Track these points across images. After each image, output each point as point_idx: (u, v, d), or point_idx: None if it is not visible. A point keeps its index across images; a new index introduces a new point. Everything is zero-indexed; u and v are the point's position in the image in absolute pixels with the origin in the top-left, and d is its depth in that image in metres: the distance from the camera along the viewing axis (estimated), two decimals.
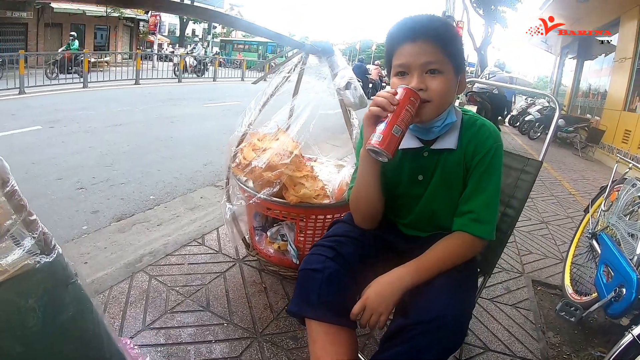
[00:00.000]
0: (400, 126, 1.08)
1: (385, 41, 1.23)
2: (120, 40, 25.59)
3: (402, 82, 1.14)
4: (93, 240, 2.73)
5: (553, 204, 4.77)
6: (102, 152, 4.96)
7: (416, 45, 1.12)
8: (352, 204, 1.30)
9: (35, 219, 1.04)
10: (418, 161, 1.25)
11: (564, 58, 17.32)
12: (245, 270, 2.29)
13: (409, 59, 1.13)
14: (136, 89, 12.18)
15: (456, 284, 1.13)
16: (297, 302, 1.16)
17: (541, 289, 2.63)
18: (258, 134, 1.98)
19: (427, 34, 1.13)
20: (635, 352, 1.26)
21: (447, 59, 1.14)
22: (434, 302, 1.07)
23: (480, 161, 1.19)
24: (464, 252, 1.18)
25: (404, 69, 1.15)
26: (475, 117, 1.26)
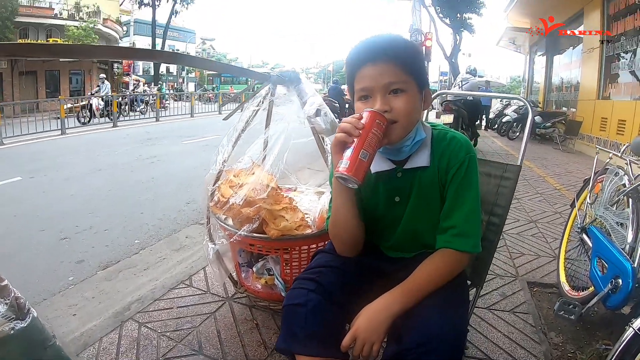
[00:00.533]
0: (367, 150, 1.05)
1: (345, 66, 1.22)
2: (96, 83, 25.60)
3: (366, 106, 1.13)
4: (80, 290, 2.68)
5: (539, 202, 4.79)
6: (84, 199, 4.92)
7: (377, 66, 1.11)
8: (332, 234, 1.28)
9: (7, 284, 1.02)
10: (392, 183, 1.23)
11: (534, 56, 17.66)
12: (235, 308, 2.25)
13: (371, 82, 1.12)
14: (115, 132, 12.17)
15: (447, 301, 1.11)
16: (284, 338, 1.13)
17: (538, 289, 2.60)
18: (233, 170, 1.96)
19: (387, 54, 1.12)
20: (638, 346, 1.25)
21: (409, 77, 1.13)
22: (426, 323, 1.05)
23: (455, 175, 1.18)
24: (450, 269, 1.16)
25: (366, 92, 1.14)
26: (445, 131, 1.25)
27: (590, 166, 2.67)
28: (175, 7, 32.98)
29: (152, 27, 31.65)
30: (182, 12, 34.00)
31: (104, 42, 26.12)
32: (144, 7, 32.81)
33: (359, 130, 1.06)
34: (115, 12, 29.23)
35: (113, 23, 27.39)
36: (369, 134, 1.06)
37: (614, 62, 8.88)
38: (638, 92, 7.73)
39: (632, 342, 1.26)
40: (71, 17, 23.92)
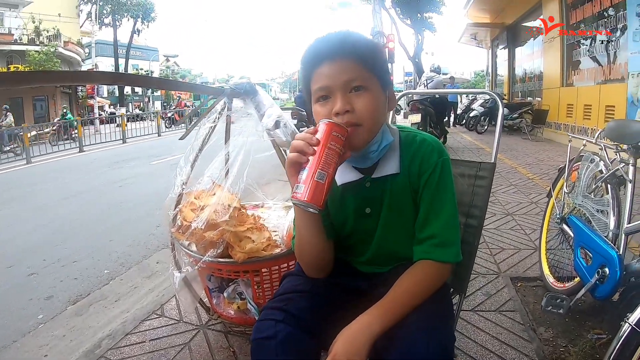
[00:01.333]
0: (324, 170, 0.94)
1: (300, 68, 1.11)
2: (60, 108, 25.14)
3: (325, 108, 1.03)
4: (50, 329, 2.57)
5: (514, 193, 4.80)
6: (52, 229, 4.75)
7: (335, 63, 1.02)
8: (298, 257, 1.19)
9: None
10: (361, 193, 1.13)
11: (496, 49, 18.04)
12: (210, 336, 2.13)
13: (329, 80, 1.02)
14: (82, 157, 11.93)
15: (431, 317, 1.03)
16: None
17: (522, 284, 2.56)
18: (194, 192, 1.85)
19: (345, 50, 1.02)
20: (637, 341, 1.20)
21: (371, 74, 1.04)
22: (411, 344, 0.97)
23: (428, 180, 1.09)
24: (432, 282, 1.07)
25: (324, 92, 1.03)
26: (414, 133, 1.16)
27: (560, 153, 2.65)
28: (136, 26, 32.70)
29: (114, 47, 31.28)
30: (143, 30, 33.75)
31: (66, 66, 25.71)
32: (105, 27, 32.43)
33: (314, 146, 0.96)
34: (76, 35, 28.83)
35: (74, 45, 27.01)
36: (325, 150, 0.94)
37: (575, 49, 9.08)
38: (601, 76, 7.90)
39: (630, 337, 1.21)
40: (31, 42, 23.54)
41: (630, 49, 6.62)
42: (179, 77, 51.58)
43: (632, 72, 6.53)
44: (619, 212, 1.91)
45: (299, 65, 1.11)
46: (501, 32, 15.88)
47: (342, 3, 19.08)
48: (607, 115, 7.24)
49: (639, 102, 6.33)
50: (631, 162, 1.91)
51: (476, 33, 18.07)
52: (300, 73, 1.13)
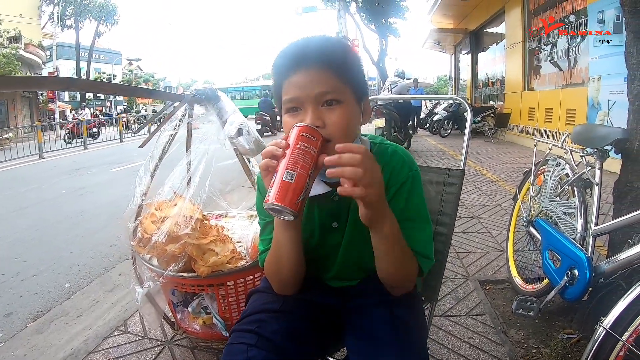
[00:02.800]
0: (293, 170, 0.85)
1: (272, 74, 1.04)
2: (20, 113, 24.31)
3: (295, 120, 0.95)
4: (10, 349, 2.44)
5: (479, 196, 4.87)
6: (9, 241, 4.53)
7: (308, 73, 0.94)
8: (271, 274, 1.12)
9: None
10: (329, 207, 1.08)
11: (459, 55, 18.43)
12: (176, 352, 2.05)
13: (300, 92, 0.94)
14: (41, 164, 11.52)
15: (402, 333, 1.00)
16: None
17: (491, 287, 2.58)
18: (154, 203, 1.77)
19: (320, 59, 0.95)
20: (611, 343, 1.24)
21: (346, 86, 0.97)
22: None
23: (396, 194, 1.03)
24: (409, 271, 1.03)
25: (295, 103, 0.96)
26: (385, 145, 1.10)
27: (522, 155, 2.68)
28: (99, 29, 31.99)
29: (76, 50, 30.52)
30: (106, 33, 33.07)
31: (26, 68, 24.86)
32: (67, 29, 31.61)
33: (284, 149, 0.88)
34: (37, 37, 27.95)
35: (35, 48, 26.15)
36: (294, 150, 0.87)
37: (536, 54, 9.34)
38: (561, 80, 8.15)
39: (605, 341, 1.25)
40: None
41: (591, 54, 6.83)
42: (142, 81, 50.76)
43: (593, 76, 6.73)
44: (586, 214, 1.94)
45: (271, 70, 1.04)
46: (464, 37, 16.24)
47: (307, 8, 19.13)
48: (568, 118, 7.46)
49: (599, 105, 6.52)
50: (597, 166, 1.93)
51: (440, 39, 18.43)
52: (272, 79, 1.05)
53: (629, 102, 1.90)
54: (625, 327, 1.22)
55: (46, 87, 1.38)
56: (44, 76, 0.96)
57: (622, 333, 1.22)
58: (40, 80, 1.12)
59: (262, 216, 1.13)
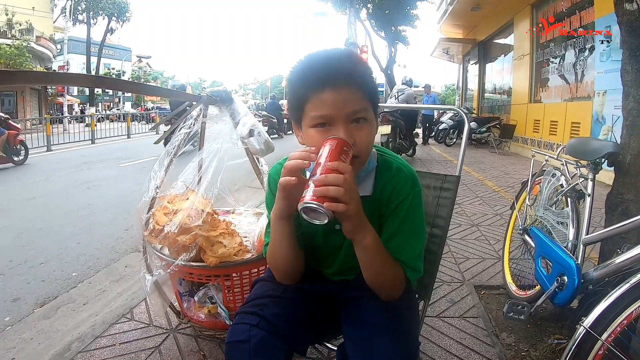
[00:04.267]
0: None
1: (291, 84, 1.08)
2: (29, 105, 24.44)
3: (324, 135, 0.99)
4: (18, 331, 2.52)
5: (480, 205, 4.93)
6: (17, 231, 4.58)
7: (340, 92, 0.98)
8: (271, 264, 1.22)
9: None
10: None
11: (467, 64, 18.42)
12: (180, 340, 2.13)
13: (333, 110, 0.98)
14: (49, 156, 11.54)
15: (395, 323, 1.08)
16: None
17: (485, 292, 2.65)
18: (167, 197, 1.87)
19: (351, 79, 1.00)
20: (591, 343, 1.28)
21: (369, 104, 1.03)
22: (375, 350, 1.02)
23: (395, 209, 1.11)
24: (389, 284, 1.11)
25: (325, 120, 1.00)
26: (390, 160, 1.16)
27: (526, 167, 2.75)
28: (110, 25, 32.11)
29: (87, 45, 30.64)
30: (117, 29, 33.17)
31: (37, 61, 25.04)
32: (79, 24, 31.76)
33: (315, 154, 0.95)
34: (49, 30, 28.16)
35: (47, 41, 26.34)
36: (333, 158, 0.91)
37: (543, 67, 9.37)
38: (567, 94, 8.18)
39: (584, 340, 1.29)
40: (3, 35, 22.83)
41: (597, 68, 6.86)
42: (150, 78, 50.88)
43: (598, 90, 6.77)
44: (578, 224, 2.01)
45: (290, 80, 1.09)
46: (473, 47, 16.28)
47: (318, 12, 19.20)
48: (573, 131, 7.50)
49: (603, 119, 6.56)
50: (590, 177, 2.02)
51: (448, 48, 18.45)
52: (291, 90, 1.09)
53: (623, 117, 1.97)
54: (605, 327, 1.26)
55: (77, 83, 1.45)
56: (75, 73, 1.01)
57: (601, 333, 1.26)
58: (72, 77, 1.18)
59: (269, 209, 1.21)
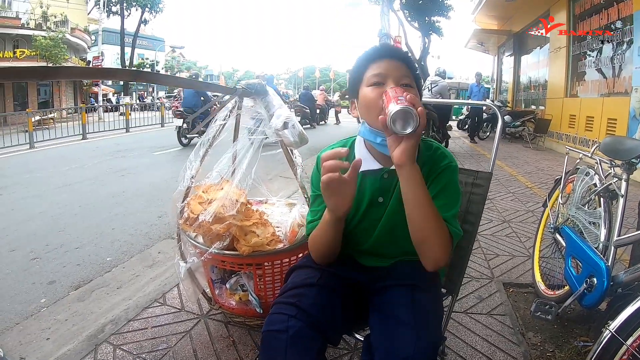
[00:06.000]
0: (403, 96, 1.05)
1: (355, 62, 1.28)
2: (64, 94, 25.11)
3: (375, 93, 1.17)
4: (53, 313, 2.60)
5: (512, 201, 4.85)
6: (53, 216, 4.74)
7: (391, 61, 1.21)
8: (312, 246, 1.30)
9: None
10: (378, 183, 1.26)
11: (502, 56, 18.02)
12: (211, 326, 2.20)
13: (387, 70, 1.19)
14: (84, 144, 11.84)
15: (420, 315, 1.10)
16: None
17: (514, 290, 2.62)
18: (202, 186, 1.92)
19: (399, 55, 1.24)
20: (616, 347, 1.27)
21: (413, 79, 1.22)
22: (399, 341, 1.04)
23: (437, 177, 1.22)
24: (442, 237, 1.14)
25: (380, 78, 1.19)
26: (431, 142, 1.29)
27: (560, 163, 2.70)
28: (144, 16, 32.64)
29: (120, 36, 31.27)
30: (151, 20, 33.69)
31: (72, 52, 25.68)
32: (113, 15, 32.39)
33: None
34: (83, 22, 28.81)
35: (81, 32, 26.97)
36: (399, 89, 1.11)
37: (580, 60, 9.11)
38: (604, 88, 7.94)
39: (609, 344, 1.28)
40: (39, 27, 23.50)
41: (635, 63, 6.65)
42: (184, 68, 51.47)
43: (636, 86, 6.57)
44: (610, 225, 1.97)
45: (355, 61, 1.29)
46: (508, 39, 15.91)
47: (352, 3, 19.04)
48: (609, 128, 7.28)
49: None
50: (624, 178, 1.97)
51: (483, 39, 18.08)
52: (354, 66, 1.28)
53: None
54: (630, 332, 1.25)
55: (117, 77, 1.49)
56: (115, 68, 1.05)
57: (627, 337, 1.25)
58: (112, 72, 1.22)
59: (315, 189, 1.32)
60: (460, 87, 17.48)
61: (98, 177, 6.90)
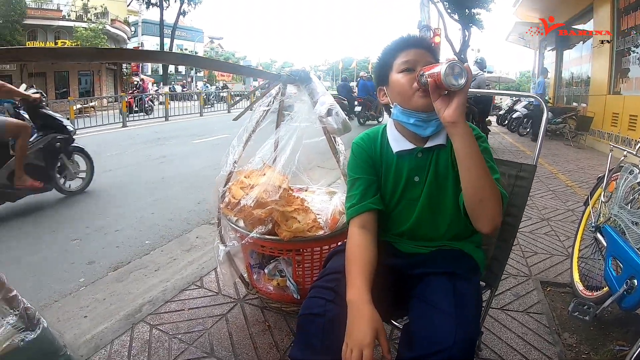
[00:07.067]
0: None
1: (383, 51, 1.34)
2: (105, 83, 25.74)
3: (407, 78, 1.23)
4: (91, 292, 2.68)
5: (551, 199, 4.74)
6: (94, 199, 4.89)
7: (419, 50, 1.27)
8: None
9: (16, 294, 0.98)
10: (413, 162, 1.30)
11: (543, 51, 17.53)
12: (247, 310, 2.24)
13: (417, 57, 1.25)
14: (124, 132, 12.06)
15: (461, 306, 1.10)
16: (300, 347, 1.13)
17: (551, 289, 2.58)
18: (244, 172, 1.95)
19: (425, 44, 1.31)
20: None
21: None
22: (438, 331, 1.04)
23: None
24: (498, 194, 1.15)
25: (410, 65, 1.24)
26: None
27: (602, 162, 2.63)
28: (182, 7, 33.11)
29: (160, 27, 31.84)
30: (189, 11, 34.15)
31: (112, 43, 26.29)
32: (152, 7, 32.98)
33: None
34: (123, 13, 29.42)
35: (121, 24, 27.55)
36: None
37: (624, 56, 8.77)
38: None
39: None
40: (79, 19, 24.12)
41: None
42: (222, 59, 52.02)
43: None
44: None
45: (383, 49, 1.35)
46: (550, 33, 15.46)
47: None
48: None
49: None
50: None
51: (524, 33, 17.61)
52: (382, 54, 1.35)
53: None
54: None
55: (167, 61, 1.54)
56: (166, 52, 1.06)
57: None
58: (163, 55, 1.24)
59: (352, 173, 1.35)
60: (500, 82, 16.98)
61: (137, 164, 7.05)
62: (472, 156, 1.11)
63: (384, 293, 1.21)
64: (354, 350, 1.01)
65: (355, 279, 1.13)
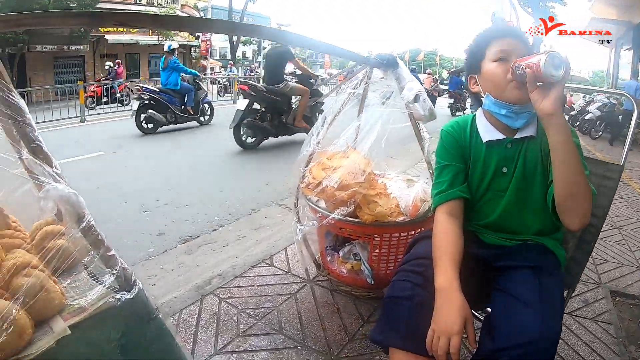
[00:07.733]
0: None
1: (475, 40, 1.33)
2: None
3: (501, 68, 1.21)
4: (160, 262, 2.77)
5: (623, 207, 4.51)
6: (165, 175, 5.02)
7: (514, 40, 1.24)
8: None
9: (114, 254, 1.00)
10: (502, 153, 1.28)
11: (619, 50, 16.54)
12: (316, 291, 2.26)
13: (512, 47, 1.23)
14: None
15: (545, 301, 1.08)
16: (382, 330, 1.14)
17: (620, 299, 2.47)
18: (326, 153, 1.97)
19: (519, 34, 1.29)
20: None
21: None
22: (524, 324, 1.03)
23: None
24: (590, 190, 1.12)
25: (505, 54, 1.22)
26: None
27: None
28: None
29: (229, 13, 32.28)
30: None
31: None
32: None
33: None
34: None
35: (191, 9, 28.20)
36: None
37: None
38: None
39: None
40: (150, 4, 24.74)
41: None
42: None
43: None
44: None
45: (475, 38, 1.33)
46: (627, 31, 14.53)
47: None
48: None
49: None
50: None
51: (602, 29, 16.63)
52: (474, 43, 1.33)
53: None
54: None
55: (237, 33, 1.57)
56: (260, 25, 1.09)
57: None
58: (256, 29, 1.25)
59: (440, 159, 1.34)
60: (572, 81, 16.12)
61: (207, 142, 7.23)
62: (569, 149, 1.08)
63: (467, 282, 1.18)
64: (442, 338, 1.01)
65: (445, 266, 1.12)
